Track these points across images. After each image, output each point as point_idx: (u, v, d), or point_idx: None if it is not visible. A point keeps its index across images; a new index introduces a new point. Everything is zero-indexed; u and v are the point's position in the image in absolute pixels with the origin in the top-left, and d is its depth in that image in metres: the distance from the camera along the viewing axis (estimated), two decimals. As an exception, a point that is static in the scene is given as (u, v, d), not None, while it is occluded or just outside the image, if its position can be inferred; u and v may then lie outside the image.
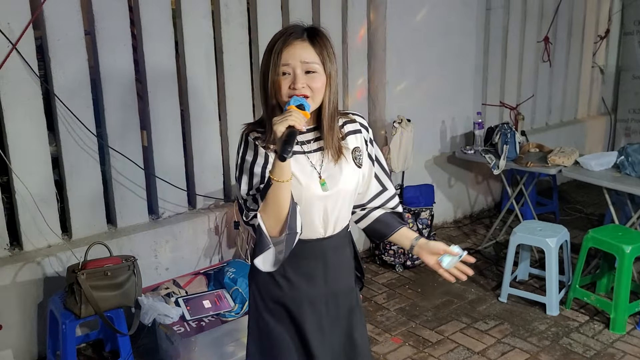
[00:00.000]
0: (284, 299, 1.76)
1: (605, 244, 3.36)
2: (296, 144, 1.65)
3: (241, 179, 1.67)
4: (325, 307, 1.80)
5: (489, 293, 3.75)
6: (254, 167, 1.65)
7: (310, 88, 1.61)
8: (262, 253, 1.62)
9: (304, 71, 1.61)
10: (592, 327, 3.37)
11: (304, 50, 1.61)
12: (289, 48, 1.60)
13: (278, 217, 1.59)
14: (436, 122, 4.57)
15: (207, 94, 3.51)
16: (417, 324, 3.41)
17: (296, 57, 1.60)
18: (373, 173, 1.84)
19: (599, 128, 6.09)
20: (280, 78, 1.61)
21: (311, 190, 1.68)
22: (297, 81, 1.60)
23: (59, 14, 2.93)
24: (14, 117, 2.91)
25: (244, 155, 1.67)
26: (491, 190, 5.15)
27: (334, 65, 1.68)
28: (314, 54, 1.62)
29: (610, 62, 6.16)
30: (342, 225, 1.78)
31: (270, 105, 1.65)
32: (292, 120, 1.50)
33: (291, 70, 1.60)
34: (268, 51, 1.63)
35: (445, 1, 4.35)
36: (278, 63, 1.60)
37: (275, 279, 1.75)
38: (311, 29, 1.66)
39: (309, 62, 1.61)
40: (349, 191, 1.75)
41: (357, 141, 1.78)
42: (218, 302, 3.04)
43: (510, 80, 5.18)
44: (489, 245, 4.40)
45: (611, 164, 3.84)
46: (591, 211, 5.04)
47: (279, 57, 1.60)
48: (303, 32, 1.64)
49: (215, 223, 3.56)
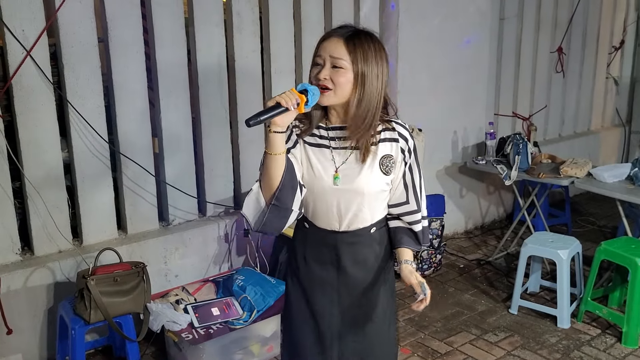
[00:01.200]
0: (300, 276, 1.93)
1: (618, 256, 3.32)
2: (323, 138, 1.80)
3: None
4: (337, 295, 1.89)
5: (499, 304, 3.71)
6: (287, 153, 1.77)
7: (333, 81, 1.71)
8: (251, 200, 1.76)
9: (332, 65, 1.72)
10: (603, 340, 3.32)
11: (335, 46, 1.72)
12: (325, 42, 1.75)
13: (268, 187, 1.72)
14: (448, 132, 4.56)
15: (219, 101, 3.53)
16: (426, 335, 3.38)
17: (327, 50, 1.73)
18: (403, 180, 1.88)
19: (612, 140, 6.03)
20: (313, 68, 1.76)
21: (322, 181, 1.79)
22: (321, 72, 1.72)
23: (73, 21, 2.96)
24: (27, 123, 2.94)
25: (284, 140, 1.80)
26: (503, 201, 5.12)
27: (372, 68, 1.73)
28: (345, 51, 1.71)
29: (624, 73, 6.11)
30: (360, 224, 1.85)
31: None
32: (281, 98, 1.63)
33: (322, 62, 1.73)
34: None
35: (458, 10, 4.35)
36: (315, 53, 1.76)
37: (296, 257, 1.93)
38: (358, 31, 1.76)
39: (336, 57, 1.71)
40: (365, 193, 1.80)
41: (391, 149, 1.82)
42: (227, 309, 3.04)
43: (523, 90, 5.16)
44: (499, 256, 4.36)
45: (624, 176, 3.80)
46: (604, 223, 4.99)
47: (317, 49, 1.76)
48: (347, 32, 1.74)
49: (225, 231, 3.57)
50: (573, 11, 5.30)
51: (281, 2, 3.63)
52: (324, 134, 1.81)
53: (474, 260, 4.35)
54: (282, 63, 3.72)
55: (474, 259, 4.37)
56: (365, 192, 1.80)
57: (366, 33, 1.76)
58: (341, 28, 1.77)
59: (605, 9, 5.66)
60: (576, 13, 5.31)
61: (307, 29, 3.76)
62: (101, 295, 2.73)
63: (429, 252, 3.96)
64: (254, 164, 3.72)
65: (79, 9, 2.97)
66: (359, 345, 1.92)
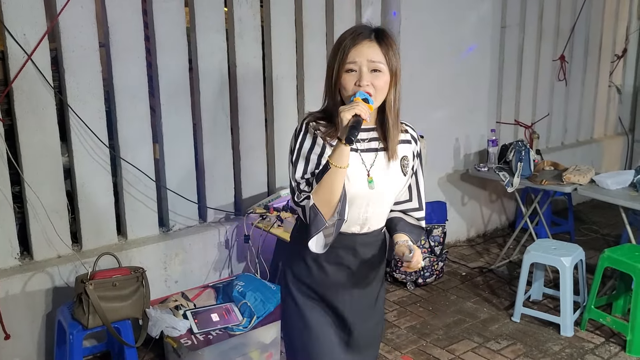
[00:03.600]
0: (314, 283, 1.87)
1: (622, 263, 3.29)
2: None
3: (297, 163, 1.75)
4: (349, 297, 1.89)
5: (502, 312, 3.68)
6: (311, 154, 1.74)
7: (374, 86, 1.69)
8: (317, 234, 1.71)
9: (370, 69, 1.69)
10: (607, 349, 3.28)
11: (371, 49, 1.69)
12: (357, 47, 1.69)
13: (330, 202, 1.68)
14: (450, 139, 4.54)
15: (220, 107, 3.53)
16: (428, 343, 3.35)
17: (363, 55, 1.69)
18: (412, 180, 1.92)
19: (615, 148, 6.01)
20: (346, 75, 1.70)
21: (357, 185, 1.76)
22: (362, 78, 1.68)
23: (75, 26, 2.97)
24: (27, 127, 2.94)
25: (303, 141, 1.76)
26: (505, 209, 5.09)
27: (399, 64, 1.75)
28: (380, 53, 1.70)
29: (627, 81, 6.10)
30: (378, 225, 1.87)
31: (334, 99, 1.75)
32: (359, 110, 1.61)
33: (357, 68, 1.69)
34: (335, 49, 1.73)
35: (460, 18, 4.35)
36: (345, 60, 1.69)
37: (307, 264, 1.86)
38: (378, 29, 1.74)
39: (375, 61, 1.69)
40: (391, 194, 1.84)
41: (406, 150, 1.86)
42: (226, 315, 3.01)
43: (526, 98, 5.15)
44: (502, 264, 4.33)
45: (628, 183, 3.78)
46: (607, 232, 4.96)
47: (347, 54, 1.69)
48: (371, 32, 1.72)
49: (226, 237, 3.55)
50: (575, 19, 5.30)
51: (283, 8, 3.64)
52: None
53: (476, 268, 4.32)
54: (284, 69, 3.72)
55: (476, 266, 4.34)
56: (393, 193, 1.84)
57: (386, 30, 1.76)
58: (362, 28, 1.73)
59: (608, 17, 5.66)
60: (578, 21, 5.31)
61: (308, 35, 3.77)
62: (100, 300, 2.71)
63: (431, 260, 3.94)
64: (254, 170, 3.71)
65: (81, 14, 2.98)
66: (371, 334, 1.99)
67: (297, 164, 1.75)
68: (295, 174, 1.76)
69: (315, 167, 1.73)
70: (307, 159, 1.74)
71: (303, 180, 1.74)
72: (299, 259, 1.88)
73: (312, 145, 1.75)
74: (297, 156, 1.76)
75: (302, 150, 1.75)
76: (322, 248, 1.75)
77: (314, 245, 1.73)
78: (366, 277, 1.92)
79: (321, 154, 1.74)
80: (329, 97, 1.78)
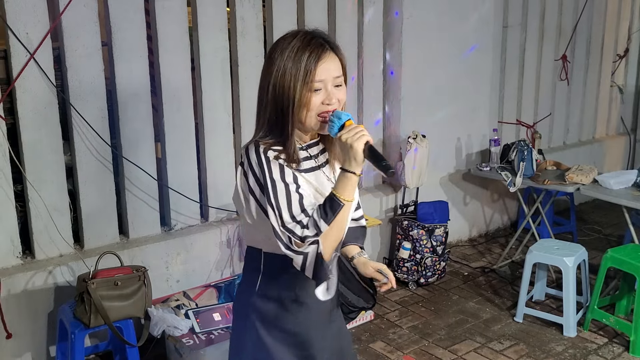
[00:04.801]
0: (293, 325, 1.67)
1: (625, 263, 3.28)
2: (308, 159, 1.64)
3: (280, 205, 1.52)
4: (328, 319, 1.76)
5: (504, 312, 3.67)
6: (291, 189, 1.54)
7: (339, 101, 1.59)
8: (324, 282, 1.58)
9: (334, 85, 1.59)
10: (610, 349, 3.27)
11: (333, 64, 1.58)
12: (321, 64, 1.55)
13: (338, 241, 1.54)
14: (452, 138, 4.54)
15: (222, 106, 3.52)
16: (430, 343, 3.34)
17: (330, 73, 1.57)
18: None
19: (618, 148, 6.00)
20: (311, 94, 1.55)
21: None
22: (332, 97, 1.57)
23: (77, 25, 2.97)
24: (29, 126, 2.94)
25: (282, 177, 1.54)
26: (507, 209, 5.08)
27: None
28: (340, 67, 1.61)
29: (629, 81, 6.08)
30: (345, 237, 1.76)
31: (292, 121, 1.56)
32: (367, 136, 1.51)
33: (323, 86, 1.57)
34: (294, 66, 1.54)
35: (462, 18, 4.35)
36: (312, 79, 1.54)
37: (284, 306, 1.66)
38: (326, 38, 1.61)
39: (339, 76, 1.60)
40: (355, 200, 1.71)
41: None
42: (228, 315, 3.01)
43: (527, 98, 5.14)
44: (504, 264, 4.32)
45: (631, 183, 3.77)
46: (610, 232, 4.95)
47: (313, 74, 1.54)
48: (325, 43, 1.59)
49: (228, 236, 3.55)
50: (577, 19, 5.29)
51: (285, 7, 3.63)
52: (305, 155, 1.63)
53: (478, 268, 4.31)
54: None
55: (478, 266, 4.33)
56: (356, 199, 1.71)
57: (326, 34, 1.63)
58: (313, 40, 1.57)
59: (610, 17, 5.65)
60: (580, 21, 5.30)
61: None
62: (101, 299, 2.71)
63: (433, 260, 3.93)
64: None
65: (83, 13, 2.98)
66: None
67: (281, 205, 1.52)
68: (283, 218, 1.51)
69: (299, 202, 1.53)
70: (290, 197, 1.53)
71: (295, 224, 1.52)
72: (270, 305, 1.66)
73: (287, 178, 1.55)
74: (276, 196, 1.52)
75: (279, 188, 1.53)
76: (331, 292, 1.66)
77: (322, 294, 1.62)
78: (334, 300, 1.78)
79: (298, 186, 1.56)
80: (280, 120, 1.57)
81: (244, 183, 1.60)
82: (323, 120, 1.57)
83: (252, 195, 1.59)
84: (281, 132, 1.57)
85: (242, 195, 1.62)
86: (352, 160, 1.50)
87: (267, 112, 1.58)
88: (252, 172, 1.58)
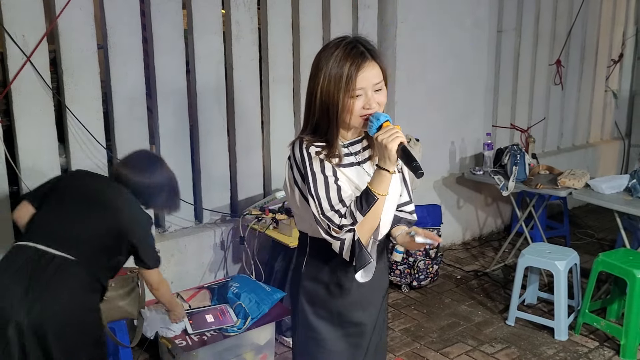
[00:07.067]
0: (336, 306, 1.84)
1: (616, 268, 3.30)
2: (349, 155, 1.77)
3: (320, 194, 1.69)
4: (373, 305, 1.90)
5: (496, 316, 3.69)
6: (330, 182, 1.70)
7: (379, 104, 1.71)
8: (364, 267, 1.71)
9: (374, 91, 1.70)
10: (601, 353, 3.30)
11: (373, 72, 1.69)
12: (361, 73, 1.67)
13: (372, 230, 1.71)
14: (445, 142, 4.57)
15: (217, 109, 3.54)
16: (421, 345, 3.36)
17: (368, 81, 1.68)
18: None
19: (612, 153, 6.03)
20: (352, 100, 1.68)
21: None
22: (371, 102, 1.69)
23: (73, 28, 2.98)
24: (25, 128, 2.95)
25: (317, 170, 1.70)
26: (501, 213, 5.11)
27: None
28: (380, 73, 1.71)
29: (624, 86, 6.13)
30: (385, 232, 1.87)
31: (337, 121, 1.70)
32: (401, 137, 1.63)
33: (363, 93, 1.69)
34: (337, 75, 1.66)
35: (456, 22, 4.37)
36: (352, 87, 1.67)
37: (328, 288, 1.83)
38: (368, 46, 1.72)
39: (378, 82, 1.71)
40: (397, 196, 1.86)
41: None
42: (221, 316, 3.03)
43: (522, 102, 5.17)
44: (497, 268, 4.35)
45: (623, 187, 3.80)
46: (603, 236, 4.97)
47: (353, 82, 1.66)
48: (365, 52, 1.69)
49: (221, 238, 3.57)
50: (572, 24, 5.32)
51: (280, 11, 3.66)
52: (346, 152, 1.77)
53: (471, 271, 4.33)
54: (281, 72, 3.74)
55: (471, 270, 4.36)
56: (398, 195, 1.87)
57: (369, 42, 1.75)
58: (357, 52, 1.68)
59: (604, 22, 5.69)
60: (575, 26, 5.34)
61: (305, 38, 3.79)
62: (95, 300, 2.71)
63: (426, 263, 3.95)
64: (250, 172, 3.73)
65: (79, 16, 2.99)
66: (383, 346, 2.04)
67: (321, 195, 1.69)
68: (322, 206, 1.69)
69: (337, 193, 1.69)
70: (328, 188, 1.69)
71: (334, 212, 1.69)
72: (315, 286, 1.84)
73: (327, 171, 1.70)
74: (316, 187, 1.70)
75: (328, 180, 1.70)
76: (369, 275, 1.76)
77: (362, 277, 1.74)
78: (379, 288, 1.92)
79: (336, 178, 1.71)
80: (325, 122, 1.71)
81: (290, 175, 1.79)
82: (365, 120, 1.71)
83: (296, 186, 1.77)
84: (326, 131, 1.72)
85: (289, 186, 1.80)
86: (386, 159, 1.64)
87: (315, 115, 1.74)
88: (295, 165, 1.75)
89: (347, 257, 1.71)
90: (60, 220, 2.30)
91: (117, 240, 2.36)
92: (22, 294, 2.11)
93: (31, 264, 2.17)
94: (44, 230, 2.28)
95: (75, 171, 2.68)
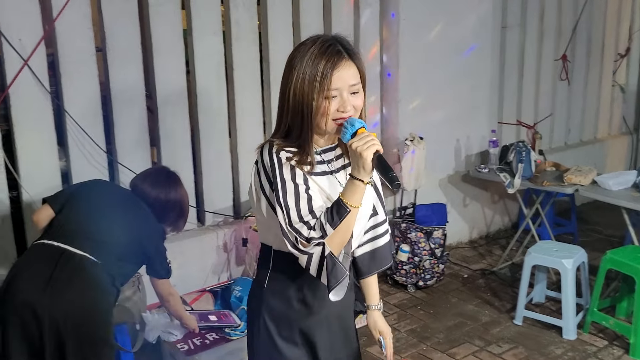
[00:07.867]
0: (299, 323, 1.73)
1: (624, 265, 3.25)
2: (322, 163, 1.65)
3: (288, 204, 1.56)
4: (338, 324, 1.81)
5: (504, 315, 3.65)
6: (301, 191, 1.57)
7: (355, 107, 1.60)
8: (339, 284, 1.56)
9: (350, 93, 1.60)
10: (610, 352, 3.25)
11: (350, 72, 1.59)
12: (337, 72, 1.57)
13: (343, 244, 1.57)
14: (450, 140, 4.52)
15: (218, 110, 3.52)
16: (428, 346, 3.32)
17: (345, 81, 1.58)
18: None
19: (620, 148, 5.96)
20: (326, 101, 1.57)
21: None
22: (346, 104, 1.58)
23: (71, 31, 2.97)
24: (24, 132, 2.94)
25: (292, 177, 1.58)
26: (508, 210, 5.06)
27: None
28: (357, 74, 1.61)
29: (631, 80, 6.04)
30: (355, 245, 1.79)
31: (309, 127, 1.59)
32: (377, 145, 1.52)
33: (339, 94, 1.58)
34: (311, 74, 1.56)
35: (460, 19, 4.32)
36: (327, 87, 1.56)
37: (292, 304, 1.71)
38: (345, 45, 1.62)
39: (355, 83, 1.60)
40: (370, 209, 1.76)
41: None
42: (224, 318, 3.01)
43: (527, 98, 5.11)
44: (504, 266, 4.30)
45: (630, 183, 3.74)
46: (611, 233, 4.90)
47: (328, 81, 1.56)
48: (342, 51, 1.60)
49: (224, 240, 3.54)
50: (577, 18, 5.26)
51: (280, 10, 3.63)
52: (319, 159, 1.65)
53: (478, 270, 4.28)
54: (281, 71, 3.68)
55: (478, 268, 4.31)
56: (371, 208, 1.77)
57: (347, 41, 1.65)
58: (331, 47, 1.58)
59: (610, 16, 5.62)
60: (580, 20, 5.27)
61: (306, 38, 3.74)
62: (96, 305, 2.70)
63: (431, 262, 3.91)
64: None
65: (77, 19, 2.98)
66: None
67: (290, 205, 1.56)
68: (290, 217, 1.55)
69: (308, 203, 1.57)
70: (298, 197, 1.56)
71: (302, 224, 1.55)
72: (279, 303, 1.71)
73: (297, 179, 1.58)
74: (285, 196, 1.56)
75: (289, 188, 1.57)
76: (341, 295, 1.61)
77: (335, 296, 1.60)
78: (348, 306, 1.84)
79: (307, 187, 1.58)
80: (298, 124, 1.59)
81: (257, 181, 1.66)
82: (339, 125, 1.60)
83: (262, 193, 1.64)
84: (299, 135, 1.60)
85: (255, 192, 1.68)
86: (360, 168, 1.52)
87: (288, 116, 1.62)
88: (264, 171, 1.62)
89: (314, 272, 1.56)
90: (82, 223, 2.36)
91: (135, 248, 2.45)
92: (44, 286, 2.18)
93: (53, 259, 2.25)
94: (65, 230, 2.35)
95: (96, 180, 2.75)
